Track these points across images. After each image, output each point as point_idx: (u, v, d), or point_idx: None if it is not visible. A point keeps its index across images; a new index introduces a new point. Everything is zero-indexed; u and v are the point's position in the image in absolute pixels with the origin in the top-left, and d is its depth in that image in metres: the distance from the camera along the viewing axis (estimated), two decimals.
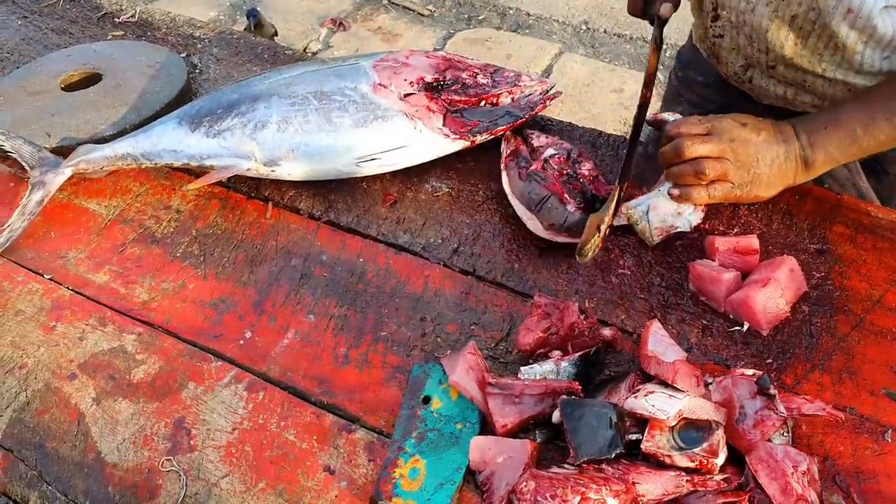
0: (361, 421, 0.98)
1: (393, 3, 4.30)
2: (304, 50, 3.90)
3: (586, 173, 1.23)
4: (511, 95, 1.34)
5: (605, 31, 4.07)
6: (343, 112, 1.25)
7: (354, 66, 1.31)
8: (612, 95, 3.51)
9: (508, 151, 1.26)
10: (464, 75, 1.35)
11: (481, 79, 1.35)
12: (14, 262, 1.21)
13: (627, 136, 1.35)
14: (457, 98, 1.31)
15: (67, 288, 1.17)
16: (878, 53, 1.13)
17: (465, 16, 4.24)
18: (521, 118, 1.31)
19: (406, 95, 1.28)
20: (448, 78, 1.34)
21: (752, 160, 1.09)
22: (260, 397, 1.01)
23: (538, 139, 1.28)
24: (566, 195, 1.17)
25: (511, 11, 4.24)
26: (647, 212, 1.13)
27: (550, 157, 1.24)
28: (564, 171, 1.22)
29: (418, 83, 1.31)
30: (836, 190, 1.32)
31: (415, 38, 4.03)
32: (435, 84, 1.32)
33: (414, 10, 4.27)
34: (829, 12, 1.09)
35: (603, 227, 1.12)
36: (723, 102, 1.45)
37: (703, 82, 1.50)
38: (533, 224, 1.16)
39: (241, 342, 1.08)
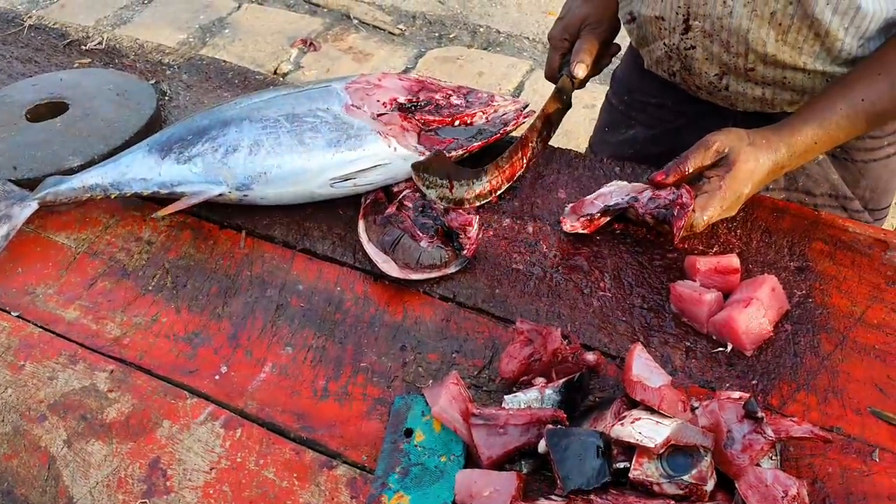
0: (343, 456, 0.96)
1: (363, 24, 4.30)
2: (275, 71, 3.88)
3: (440, 207, 1.22)
4: (485, 115, 1.33)
5: None
6: (315, 133, 1.23)
7: (326, 88, 1.30)
8: (585, 111, 3.52)
9: (367, 201, 1.26)
10: (437, 96, 1.34)
11: (455, 100, 1.35)
12: None
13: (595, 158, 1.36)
14: (430, 118, 1.30)
15: (36, 325, 1.13)
16: (855, 41, 1.16)
17: (436, 34, 4.24)
18: (496, 134, 1.30)
19: (379, 115, 1.27)
20: (421, 99, 1.33)
21: (743, 191, 1.12)
22: (238, 434, 0.99)
23: (398, 185, 1.27)
24: (418, 232, 1.17)
25: (481, 29, 4.25)
26: None
27: (405, 198, 1.23)
28: (418, 210, 1.21)
29: (391, 104, 1.30)
30: (810, 187, 1.33)
31: (386, 58, 4.02)
32: (408, 105, 1.31)
33: (384, 30, 4.26)
34: (812, 1, 1.11)
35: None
36: (681, 122, 1.46)
37: (657, 104, 1.50)
38: (387, 266, 1.14)
39: (217, 377, 1.05)
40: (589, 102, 3.57)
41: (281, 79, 1.80)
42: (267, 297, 1.15)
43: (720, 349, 1.03)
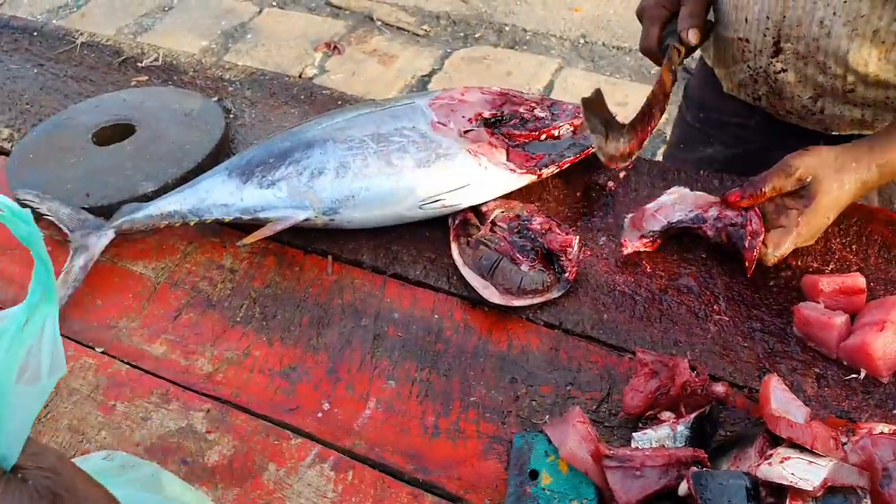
0: (464, 500, 0.91)
1: (386, 25, 4.24)
2: (300, 76, 3.83)
3: (538, 227, 1.16)
4: (573, 128, 1.27)
5: (603, 44, 4.04)
6: (403, 153, 1.18)
7: (410, 105, 1.25)
8: (617, 109, 3.43)
9: (456, 222, 1.20)
10: (521, 109, 1.29)
11: (539, 112, 1.29)
12: (61, 336, 1.12)
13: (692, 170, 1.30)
14: (517, 133, 1.25)
15: (123, 361, 1.08)
16: None
17: (461, 34, 4.19)
18: (588, 147, 1.25)
19: (466, 132, 1.22)
20: (506, 113, 1.27)
21: (823, 223, 1.09)
22: (349, 477, 0.94)
23: (487, 205, 1.21)
24: (517, 255, 1.11)
25: (507, 28, 4.19)
26: None
27: (497, 218, 1.18)
28: (514, 231, 1.16)
29: (476, 119, 1.24)
30: (886, 197, 1.28)
31: (412, 59, 3.97)
32: (493, 119, 1.26)
33: (408, 31, 4.21)
34: None
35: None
36: (764, 142, 1.39)
37: (739, 123, 1.43)
38: (488, 292, 1.09)
39: (320, 415, 1.00)
40: (621, 100, 3.52)
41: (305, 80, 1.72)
42: (362, 326, 1.10)
43: (853, 376, 0.98)
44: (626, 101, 3.50)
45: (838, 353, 1.00)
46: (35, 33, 1.74)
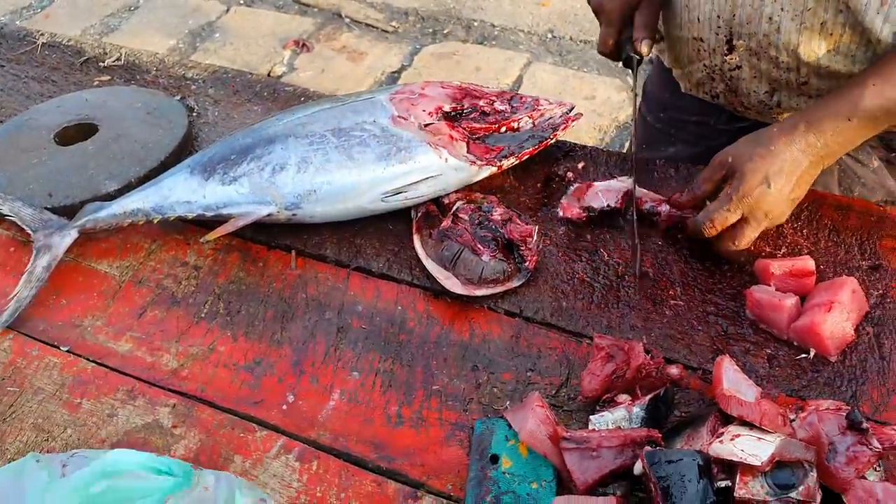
0: (427, 486, 0.93)
1: (355, 22, 4.24)
2: (269, 74, 3.82)
3: (498, 218, 1.18)
4: (532, 120, 1.29)
5: (571, 39, 4.06)
6: (364, 147, 1.19)
7: (370, 100, 1.26)
8: (585, 103, 3.49)
9: (419, 214, 1.22)
10: (481, 103, 1.30)
11: (499, 105, 1.31)
12: (25, 335, 1.13)
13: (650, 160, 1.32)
14: (477, 125, 1.27)
15: (88, 360, 1.09)
16: None
17: (430, 30, 4.19)
18: (546, 139, 1.27)
19: (426, 125, 1.23)
20: (466, 106, 1.29)
21: (786, 206, 1.09)
22: (314, 467, 0.95)
23: (449, 197, 1.23)
24: (479, 245, 1.13)
25: (476, 24, 4.20)
26: None
27: (459, 210, 1.20)
28: (476, 222, 1.18)
29: (437, 113, 1.26)
30: (865, 195, 1.31)
31: (380, 56, 3.97)
32: (453, 113, 1.28)
33: (377, 28, 4.21)
34: (862, 10, 1.07)
35: (635, 247, 1.13)
36: (726, 140, 1.40)
37: (698, 121, 1.46)
38: (450, 283, 1.11)
39: (285, 407, 1.02)
40: (589, 93, 3.55)
41: (276, 78, 1.72)
42: (326, 319, 1.11)
43: (804, 356, 1.01)
44: (594, 94, 3.53)
45: (789, 333, 1.02)
46: None
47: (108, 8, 4.36)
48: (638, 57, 1.22)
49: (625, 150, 2.06)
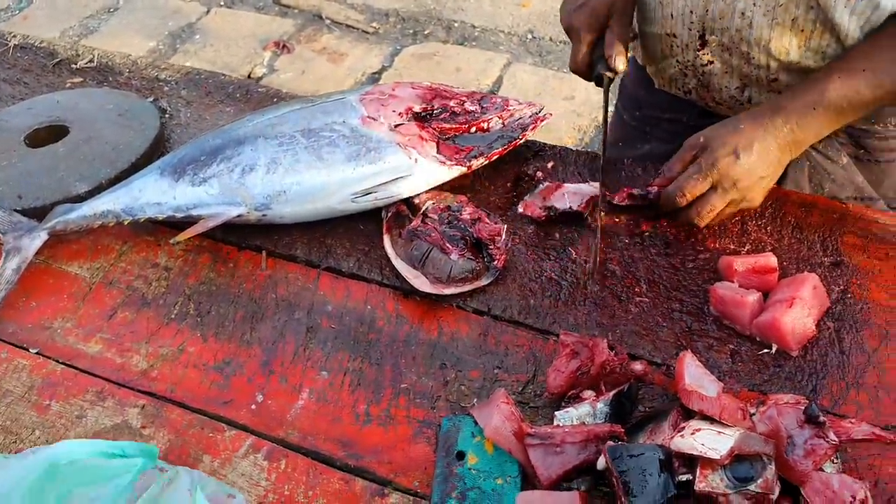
0: (394, 483, 0.93)
1: (336, 23, 4.24)
2: (249, 75, 3.82)
3: (467, 217, 1.19)
4: (501, 120, 1.31)
5: (550, 39, 4.08)
6: (333, 147, 1.20)
7: (340, 100, 1.27)
8: (564, 103, 3.51)
9: (389, 214, 1.23)
10: (451, 103, 1.31)
11: (469, 106, 1.32)
12: None
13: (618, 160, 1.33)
14: (447, 126, 1.28)
15: (57, 361, 1.09)
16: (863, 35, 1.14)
17: (411, 31, 4.20)
18: (515, 139, 1.28)
19: (396, 126, 1.24)
20: (436, 107, 1.30)
21: (754, 181, 1.11)
22: (282, 466, 0.96)
23: (419, 197, 1.24)
24: (447, 244, 1.15)
25: (456, 25, 4.21)
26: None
27: (429, 209, 1.21)
28: (445, 222, 1.19)
29: (407, 113, 1.27)
30: (835, 191, 1.32)
31: (361, 57, 3.97)
32: (423, 114, 1.29)
33: (357, 29, 4.21)
34: (832, 5, 1.09)
35: (595, 250, 1.14)
36: None
37: (670, 119, 1.48)
38: (419, 281, 1.12)
39: (254, 406, 1.02)
40: (568, 94, 3.56)
41: (255, 80, 1.72)
42: (296, 319, 1.12)
43: (765, 351, 1.02)
44: (574, 95, 3.55)
45: (751, 329, 1.04)
46: None
47: (87, 9, 4.34)
48: (611, 75, 1.19)
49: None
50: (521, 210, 1.22)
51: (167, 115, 1.48)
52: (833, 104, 1.10)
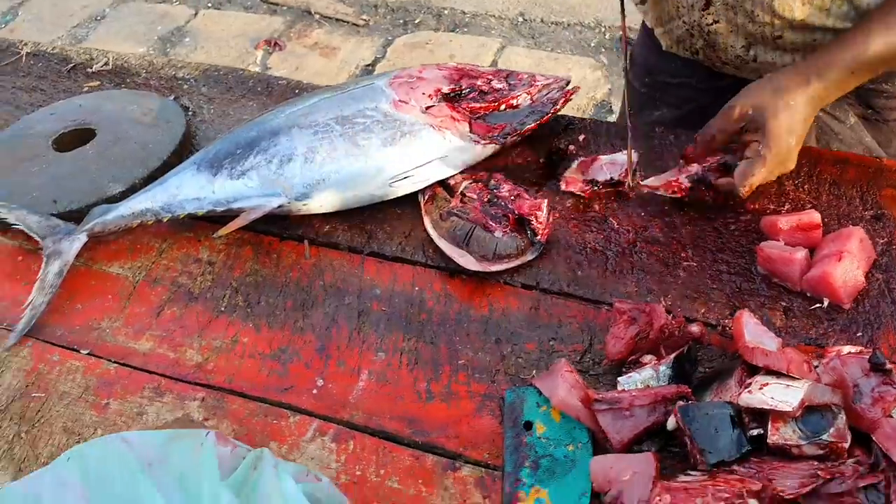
0: (464, 457, 0.94)
1: (325, 18, 4.23)
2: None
3: (507, 194, 1.20)
4: (530, 96, 1.31)
5: (541, 21, 4.08)
6: (369, 133, 1.20)
7: (370, 86, 1.27)
8: None
9: (426, 197, 1.23)
10: (479, 82, 1.32)
11: (496, 84, 1.32)
12: (44, 342, 1.12)
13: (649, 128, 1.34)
14: (477, 105, 1.28)
15: (110, 361, 1.09)
16: None
17: (401, 21, 4.20)
18: (547, 114, 1.29)
19: (427, 108, 1.25)
20: (464, 87, 1.30)
21: (794, 150, 1.11)
22: (350, 447, 0.96)
23: (454, 178, 1.24)
24: (490, 222, 1.15)
25: (446, 12, 4.21)
26: None
27: (466, 189, 1.21)
28: (485, 200, 1.19)
29: (436, 95, 1.27)
30: (824, 142, 1.34)
31: (353, 50, 3.97)
32: (452, 94, 1.29)
33: (348, 22, 4.20)
34: None
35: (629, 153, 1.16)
36: (708, 100, 1.43)
37: (679, 83, 1.49)
38: (465, 260, 1.13)
39: (315, 391, 1.03)
40: (564, 74, 3.56)
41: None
42: (346, 304, 1.12)
43: (817, 305, 1.03)
44: (569, 75, 3.55)
45: (801, 285, 1.05)
46: None
47: (73, 19, 4.31)
48: None
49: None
50: (563, 187, 1.22)
51: (190, 113, 1.48)
52: (869, 63, 1.10)
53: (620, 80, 1.56)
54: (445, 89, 1.28)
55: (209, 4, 4.33)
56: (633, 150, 1.18)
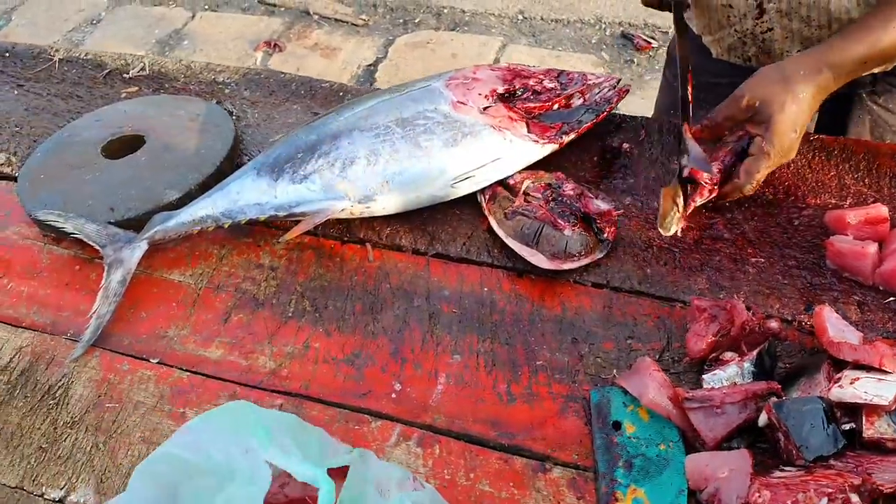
0: (553, 458, 0.94)
1: (324, 18, 4.21)
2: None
3: (571, 193, 1.20)
4: (582, 95, 1.31)
5: (542, 19, 4.09)
6: (430, 135, 1.20)
7: (426, 88, 1.27)
8: None
9: (487, 197, 1.23)
10: (531, 82, 1.32)
11: (548, 83, 1.33)
12: (112, 351, 1.12)
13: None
14: (532, 105, 1.29)
15: (182, 369, 1.08)
16: None
17: (401, 21, 4.19)
18: (602, 112, 1.29)
19: (485, 109, 1.25)
20: (517, 87, 1.30)
21: (796, 142, 1.12)
22: (437, 451, 0.96)
23: (514, 177, 1.24)
24: (559, 220, 1.15)
25: (446, 11, 4.20)
26: None
27: (529, 189, 1.21)
28: (549, 199, 1.19)
29: (492, 95, 1.27)
30: (878, 135, 1.34)
31: (354, 50, 3.96)
32: (507, 94, 1.29)
33: (347, 22, 4.19)
34: None
35: (679, 201, 1.13)
36: None
37: (728, 83, 1.48)
38: (536, 259, 1.13)
39: (393, 395, 1.02)
40: None
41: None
42: (416, 307, 1.12)
43: (891, 299, 1.04)
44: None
45: (874, 279, 1.06)
46: (6, 54, 1.70)
47: (69, 23, 4.27)
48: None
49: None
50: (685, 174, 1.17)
51: (235, 117, 1.47)
52: (884, 53, 1.11)
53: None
54: (500, 90, 1.28)
55: (206, 6, 4.31)
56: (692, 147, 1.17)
